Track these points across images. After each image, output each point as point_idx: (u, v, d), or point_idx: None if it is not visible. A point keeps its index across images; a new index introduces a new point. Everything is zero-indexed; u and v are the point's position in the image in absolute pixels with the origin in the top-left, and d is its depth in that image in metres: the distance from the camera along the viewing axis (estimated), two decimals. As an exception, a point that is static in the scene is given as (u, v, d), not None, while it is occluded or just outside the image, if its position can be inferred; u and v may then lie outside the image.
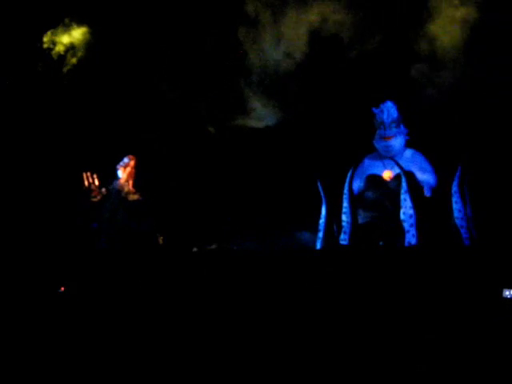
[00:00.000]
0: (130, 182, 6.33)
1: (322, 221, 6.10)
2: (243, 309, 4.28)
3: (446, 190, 5.87)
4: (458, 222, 5.75)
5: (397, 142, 6.24)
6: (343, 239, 6.01)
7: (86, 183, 6.15)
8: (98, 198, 6.14)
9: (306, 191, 6.40)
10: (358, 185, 6.33)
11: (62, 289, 4.71)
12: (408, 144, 6.34)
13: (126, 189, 6.30)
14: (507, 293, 4.11)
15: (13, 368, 3.77)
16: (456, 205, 5.78)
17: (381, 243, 5.95)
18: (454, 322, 3.87)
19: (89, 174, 6.18)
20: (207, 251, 5.99)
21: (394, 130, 6.20)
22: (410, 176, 5.92)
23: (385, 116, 6.21)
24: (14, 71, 6.60)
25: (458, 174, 5.79)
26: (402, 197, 5.83)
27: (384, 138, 6.24)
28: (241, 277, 4.74)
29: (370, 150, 6.44)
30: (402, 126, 6.26)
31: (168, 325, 4.20)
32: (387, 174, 6.23)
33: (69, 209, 6.38)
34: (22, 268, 5.17)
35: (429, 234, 5.76)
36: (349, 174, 6.06)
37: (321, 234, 6.06)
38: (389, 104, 6.23)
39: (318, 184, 6.11)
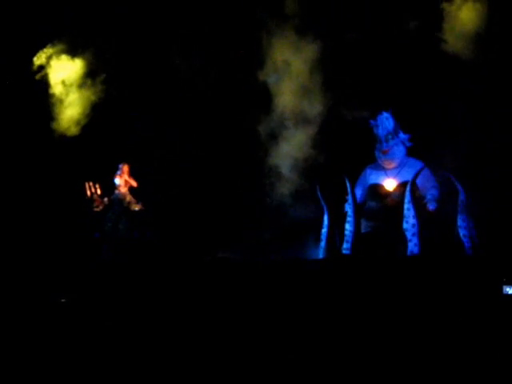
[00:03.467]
0: (126, 189, 6.40)
1: (324, 230, 6.08)
2: (245, 317, 4.26)
3: (449, 200, 5.86)
4: (460, 231, 5.71)
5: (395, 154, 6.17)
6: (346, 248, 5.99)
7: (89, 193, 6.20)
8: (101, 207, 6.18)
9: (308, 201, 6.42)
10: (360, 194, 6.30)
11: (63, 300, 4.72)
12: (411, 153, 6.31)
13: (127, 198, 6.34)
14: (508, 289, 4.13)
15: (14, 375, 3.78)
16: (461, 214, 5.72)
17: (383, 253, 5.93)
18: (455, 330, 3.86)
19: (91, 183, 6.23)
20: (209, 260, 6.00)
21: (391, 142, 6.13)
22: (414, 186, 5.90)
23: (380, 130, 6.15)
24: (15, 79, 6.69)
25: (463, 184, 5.77)
26: (406, 206, 5.81)
27: (381, 151, 6.19)
28: (244, 286, 4.73)
29: (371, 160, 6.42)
30: (400, 133, 6.18)
31: (169, 332, 4.19)
32: (389, 183, 6.22)
33: (71, 218, 6.42)
34: (24, 277, 5.19)
35: (431, 244, 5.76)
36: (347, 184, 6.04)
37: (323, 244, 6.05)
38: (384, 116, 6.15)
39: (319, 193, 6.11)
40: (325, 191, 6.16)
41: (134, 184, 6.42)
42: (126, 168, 6.40)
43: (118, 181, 6.37)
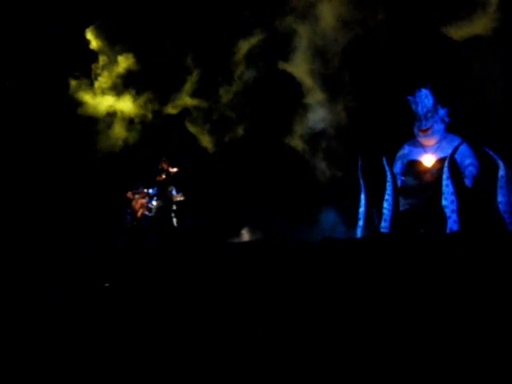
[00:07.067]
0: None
1: (361, 209, 6.09)
2: (283, 294, 4.37)
3: (488, 175, 5.76)
4: (501, 206, 5.61)
5: (435, 133, 6.07)
6: (384, 227, 5.98)
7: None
8: (147, 199, 6.69)
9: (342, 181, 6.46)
10: (398, 172, 6.25)
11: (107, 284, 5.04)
12: (450, 129, 6.19)
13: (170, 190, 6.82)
14: None
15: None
16: (501, 189, 5.63)
17: (422, 230, 5.91)
18: (498, 306, 3.84)
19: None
20: (243, 243, 6.20)
21: (431, 120, 6.02)
22: (452, 162, 5.80)
23: (419, 108, 6.05)
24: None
25: (503, 159, 5.64)
26: (444, 183, 5.72)
27: (421, 130, 6.09)
28: (282, 265, 4.85)
29: (409, 137, 6.36)
30: (440, 109, 6.05)
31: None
32: (427, 159, 6.13)
33: (122, 209, 6.91)
34: (74, 262, 5.62)
35: (471, 220, 5.70)
36: (384, 162, 5.99)
37: (361, 223, 6.06)
38: (423, 93, 6.05)
39: (360, 172, 6.12)
40: (363, 170, 6.18)
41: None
42: (164, 165, 6.84)
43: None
